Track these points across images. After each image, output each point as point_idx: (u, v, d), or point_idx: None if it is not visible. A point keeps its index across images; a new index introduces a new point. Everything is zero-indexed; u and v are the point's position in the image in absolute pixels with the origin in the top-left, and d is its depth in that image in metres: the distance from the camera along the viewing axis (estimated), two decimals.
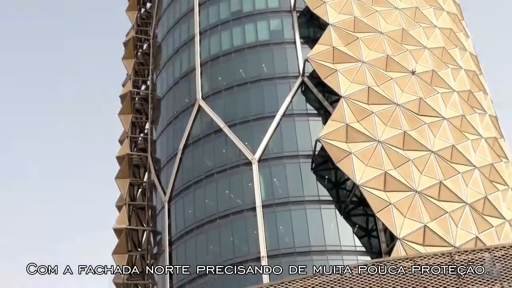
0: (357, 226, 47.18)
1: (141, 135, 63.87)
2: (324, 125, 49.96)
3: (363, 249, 46.17)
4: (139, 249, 57.02)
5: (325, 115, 50.95)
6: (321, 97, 51.94)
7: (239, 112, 52.37)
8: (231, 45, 56.52)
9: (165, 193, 53.32)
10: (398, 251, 41.95)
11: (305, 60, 51.86)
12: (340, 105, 48.93)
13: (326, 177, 49.25)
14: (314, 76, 52.65)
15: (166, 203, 52.63)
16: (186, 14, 61.44)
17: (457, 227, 44.90)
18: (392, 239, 44.36)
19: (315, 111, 51.74)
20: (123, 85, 67.69)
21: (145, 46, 69.63)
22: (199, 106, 54.33)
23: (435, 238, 43.45)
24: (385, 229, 44.98)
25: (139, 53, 68.98)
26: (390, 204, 44.44)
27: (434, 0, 61.07)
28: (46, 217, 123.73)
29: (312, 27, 56.29)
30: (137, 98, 65.38)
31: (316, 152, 48.57)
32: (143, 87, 67.28)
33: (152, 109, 62.67)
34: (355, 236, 46.48)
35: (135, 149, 62.73)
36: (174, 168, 53.27)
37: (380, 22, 55.28)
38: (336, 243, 45.49)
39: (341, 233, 46.06)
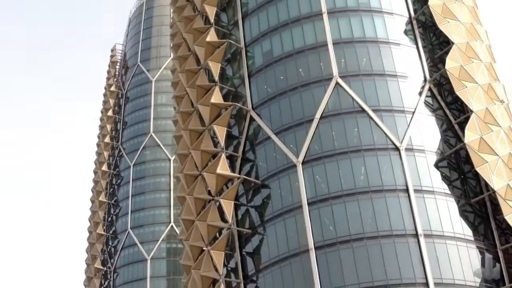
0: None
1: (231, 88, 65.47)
2: (445, 127, 59.13)
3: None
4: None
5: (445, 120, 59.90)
6: (443, 104, 60.40)
7: (382, 99, 58.68)
8: (363, 34, 62.25)
9: (296, 155, 57.33)
10: None
11: (440, 70, 60.03)
12: (473, 119, 58.00)
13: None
14: (436, 84, 61.20)
15: (300, 165, 56.81)
16: None
17: None
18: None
19: (441, 115, 60.00)
20: (200, 31, 68.52)
21: None
22: (337, 83, 59.27)
23: None
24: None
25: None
26: None
27: None
28: None
29: (428, 38, 64.29)
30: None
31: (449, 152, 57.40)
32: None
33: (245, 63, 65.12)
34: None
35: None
36: (310, 133, 57.64)
37: (478, 51, 65.19)
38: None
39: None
